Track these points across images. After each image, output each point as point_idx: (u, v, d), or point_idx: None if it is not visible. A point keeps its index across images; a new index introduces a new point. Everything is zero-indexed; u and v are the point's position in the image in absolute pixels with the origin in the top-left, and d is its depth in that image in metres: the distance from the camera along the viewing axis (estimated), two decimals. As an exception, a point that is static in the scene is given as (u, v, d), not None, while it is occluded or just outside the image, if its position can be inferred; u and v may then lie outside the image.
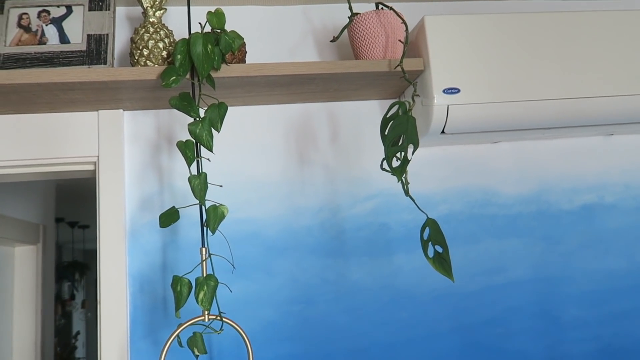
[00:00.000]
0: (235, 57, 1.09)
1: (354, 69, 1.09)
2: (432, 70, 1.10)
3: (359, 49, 1.15)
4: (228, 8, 1.28)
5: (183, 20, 1.24)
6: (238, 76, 1.06)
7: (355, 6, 1.21)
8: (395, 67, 1.09)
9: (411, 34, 1.16)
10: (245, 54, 1.12)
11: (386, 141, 0.97)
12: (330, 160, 1.26)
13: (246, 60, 1.19)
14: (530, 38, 1.15)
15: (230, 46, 1.02)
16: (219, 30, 1.03)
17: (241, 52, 1.10)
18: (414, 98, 1.00)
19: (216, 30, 1.03)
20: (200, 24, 1.05)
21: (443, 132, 1.14)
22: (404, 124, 0.94)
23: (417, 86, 1.10)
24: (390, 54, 1.14)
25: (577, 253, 1.30)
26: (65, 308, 4.93)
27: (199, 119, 0.98)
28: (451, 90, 1.10)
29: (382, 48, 1.13)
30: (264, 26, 1.31)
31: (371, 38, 1.13)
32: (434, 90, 1.09)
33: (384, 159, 0.98)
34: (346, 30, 1.16)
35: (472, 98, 1.11)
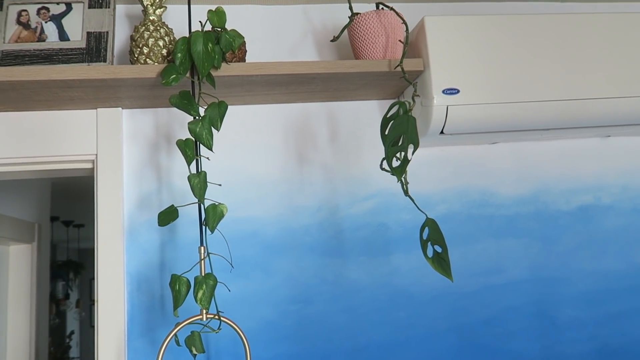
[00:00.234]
0: (236, 56, 1.08)
1: (354, 68, 1.09)
2: (432, 70, 1.10)
3: (359, 49, 1.15)
4: (228, 7, 1.28)
5: (183, 18, 1.24)
6: (238, 75, 1.06)
7: (356, 6, 1.21)
8: (395, 67, 1.09)
9: (411, 34, 1.16)
10: (246, 53, 1.12)
11: (386, 141, 0.97)
12: (329, 160, 1.26)
13: (246, 59, 1.19)
14: (529, 40, 1.15)
15: (231, 45, 1.02)
16: (220, 29, 1.03)
17: (241, 51, 1.10)
18: (414, 98, 1.00)
19: (217, 28, 1.03)
20: (200, 22, 1.04)
21: (442, 133, 1.15)
22: (404, 124, 0.94)
23: (417, 86, 1.10)
24: (390, 54, 1.14)
25: (574, 254, 1.31)
26: (59, 307, 4.91)
27: (199, 118, 0.98)
28: (450, 91, 1.10)
29: (382, 48, 1.13)
30: (264, 25, 1.30)
31: (371, 38, 1.13)
32: (433, 90, 1.10)
33: (384, 159, 0.98)
34: (346, 30, 1.16)
35: (471, 99, 1.11)
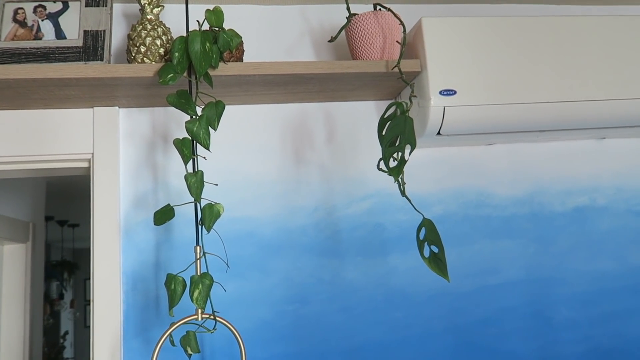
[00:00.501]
0: (233, 56, 1.08)
1: (351, 69, 1.09)
2: (429, 71, 1.10)
3: (357, 50, 1.15)
4: (225, 6, 1.28)
5: (180, 17, 1.24)
6: (235, 75, 1.06)
7: (353, 7, 1.21)
8: (393, 68, 1.09)
9: (408, 35, 1.16)
10: (243, 53, 1.12)
11: (383, 142, 0.97)
12: (326, 160, 1.26)
13: (244, 59, 1.18)
14: (525, 42, 1.16)
15: (229, 44, 1.02)
16: (218, 29, 1.03)
17: (239, 51, 1.10)
18: (411, 99, 1.00)
19: (214, 28, 1.03)
20: (198, 21, 1.04)
21: (439, 134, 1.15)
22: (401, 124, 0.95)
23: (414, 87, 1.11)
24: (388, 55, 1.14)
25: (569, 254, 1.31)
26: (53, 308, 4.88)
27: (196, 117, 0.98)
28: (447, 92, 1.11)
29: (380, 49, 1.13)
30: (261, 25, 1.30)
31: (369, 39, 1.13)
32: (430, 91, 1.10)
33: (381, 159, 0.98)
34: (344, 31, 1.17)
35: (468, 100, 1.11)
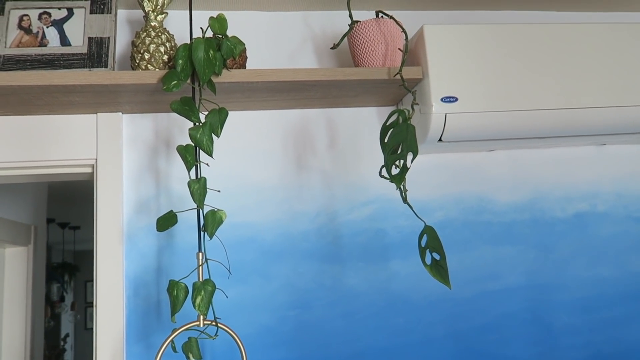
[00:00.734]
0: (236, 63, 1.09)
1: (353, 76, 1.10)
2: (431, 78, 1.11)
3: (359, 57, 1.16)
4: (228, 13, 1.30)
5: (184, 24, 1.25)
6: (239, 81, 1.06)
7: (356, 14, 1.22)
8: (395, 75, 1.10)
9: (410, 42, 1.17)
10: (246, 60, 1.13)
11: (386, 149, 0.98)
12: (327, 166, 1.27)
13: (246, 66, 1.19)
14: (526, 49, 1.16)
15: (232, 52, 1.03)
16: (221, 36, 1.03)
17: (242, 58, 1.11)
18: (413, 106, 1.01)
19: (218, 35, 1.04)
20: (201, 28, 1.05)
21: (440, 140, 1.16)
22: (403, 132, 0.95)
23: (416, 95, 1.11)
24: (390, 62, 1.15)
25: (570, 260, 1.32)
26: (54, 310, 4.88)
27: (199, 124, 0.99)
28: (449, 99, 1.12)
29: (382, 56, 1.14)
30: (263, 31, 1.31)
31: (371, 46, 1.14)
32: (432, 98, 1.11)
33: (383, 166, 0.99)
34: (346, 38, 1.17)
35: (469, 107, 1.12)
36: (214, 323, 0.98)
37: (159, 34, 1.08)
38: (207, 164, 1.04)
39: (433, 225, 1.00)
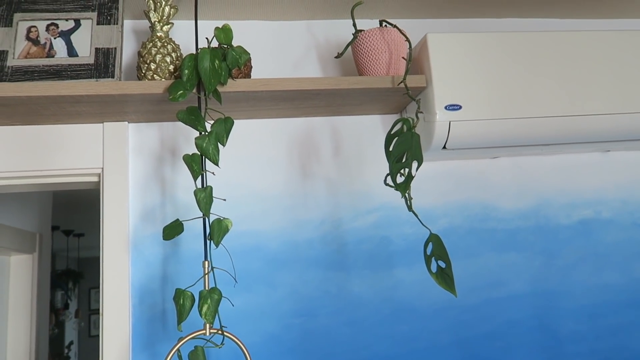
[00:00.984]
0: (241, 72, 1.10)
1: (358, 85, 1.11)
2: (435, 87, 1.12)
3: (363, 65, 1.17)
4: (233, 23, 1.31)
5: (189, 34, 1.26)
6: (244, 91, 1.07)
7: (359, 23, 1.23)
8: (399, 84, 1.11)
9: (414, 50, 1.18)
10: (251, 69, 1.14)
11: (390, 157, 0.98)
12: (332, 174, 1.28)
13: (251, 75, 1.20)
14: (530, 56, 1.17)
15: (237, 61, 1.04)
16: (226, 46, 1.04)
17: (247, 67, 1.12)
18: (417, 115, 1.01)
19: (223, 45, 1.04)
20: (207, 39, 1.06)
21: (444, 148, 1.16)
22: (408, 140, 0.96)
23: (420, 103, 1.12)
24: (394, 70, 1.15)
25: (575, 267, 1.32)
26: (58, 317, 4.88)
27: (205, 133, 0.99)
28: (453, 107, 1.12)
29: (386, 65, 1.15)
30: (268, 41, 1.32)
31: (375, 55, 1.15)
32: (436, 106, 1.11)
33: (388, 175, 0.99)
34: (350, 47, 1.18)
35: (473, 115, 1.13)
36: (220, 331, 0.99)
37: (165, 44, 1.09)
38: (213, 173, 1.04)
39: (437, 233, 1.00)
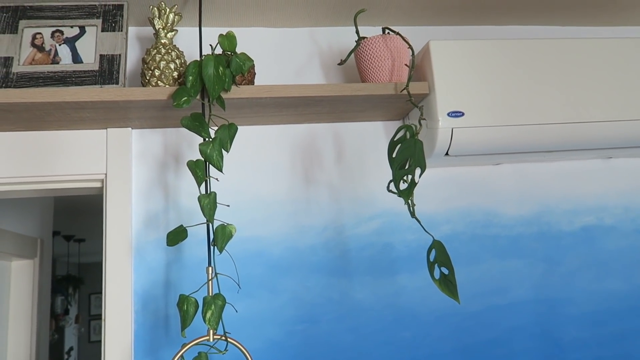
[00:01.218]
0: (245, 79, 1.11)
1: (361, 91, 1.11)
2: (437, 93, 1.12)
3: (366, 72, 1.17)
4: (236, 29, 1.32)
5: (193, 41, 1.27)
6: (247, 97, 1.08)
7: (362, 30, 1.24)
8: (401, 91, 1.11)
9: (416, 58, 1.18)
10: (255, 76, 1.14)
11: (394, 164, 0.99)
12: (335, 180, 1.28)
13: (254, 82, 1.21)
14: (532, 64, 1.18)
15: (241, 68, 1.04)
16: (230, 53, 1.05)
17: (250, 74, 1.12)
18: (420, 122, 1.02)
19: (227, 52, 1.05)
20: (211, 45, 1.07)
21: (447, 154, 1.17)
22: (411, 147, 0.96)
23: (423, 110, 1.12)
24: (396, 77, 1.16)
25: (577, 274, 1.32)
26: (58, 323, 4.86)
27: (209, 140, 1.00)
28: (455, 114, 1.12)
29: (389, 71, 1.15)
30: (271, 48, 1.33)
31: (378, 62, 1.15)
32: (438, 113, 1.12)
33: (391, 181, 0.99)
34: (353, 53, 1.19)
35: (476, 121, 1.13)
36: (223, 338, 0.99)
37: (169, 51, 1.10)
38: (217, 179, 1.05)
39: (440, 239, 1.00)
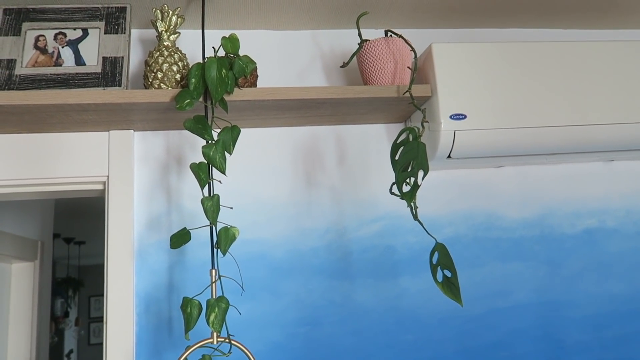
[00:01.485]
0: (247, 81, 1.11)
1: (363, 94, 1.11)
2: (440, 96, 1.12)
3: (368, 75, 1.17)
4: (239, 32, 1.32)
5: (196, 43, 1.27)
6: (250, 100, 1.08)
7: (365, 32, 1.24)
8: (404, 93, 1.11)
9: (419, 60, 1.19)
10: (257, 78, 1.14)
11: (396, 167, 0.99)
12: (337, 183, 1.28)
13: (257, 84, 1.21)
14: (534, 66, 1.18)
15: (244, 71, 1.04)
16: (233, 55, 1.05)
17: (253, 76, 1.12)
18: (423, 124, 1.02)
19: (230, 54, 1.05)
20: (214, 48, 1.07)
21: (449, 157, 1.17)
22: (414, 150, 0.96)
23: (425, 112, 1.12)
24: (399, 80, 1.16)
25: (580, 277, 1.32)
26: (58, 326, 4.85)
27: (212, 142, 1.00)
28: (457, 116, 1.13)
29: (391, 74, 1.16)
30: (273, 50, 1.33)
31: (380, 64, 1.15)
32: (441, 116, 1.12)
33: (394, 184, 0.99)
34: (355, 56, 1.19)
35: (478, 124, 1.13)
36: (227, 340, 0.98)
37: (172, 53, 1.10)
38: (220, 181, 1.04)
39: (442, 242, 1.00)
